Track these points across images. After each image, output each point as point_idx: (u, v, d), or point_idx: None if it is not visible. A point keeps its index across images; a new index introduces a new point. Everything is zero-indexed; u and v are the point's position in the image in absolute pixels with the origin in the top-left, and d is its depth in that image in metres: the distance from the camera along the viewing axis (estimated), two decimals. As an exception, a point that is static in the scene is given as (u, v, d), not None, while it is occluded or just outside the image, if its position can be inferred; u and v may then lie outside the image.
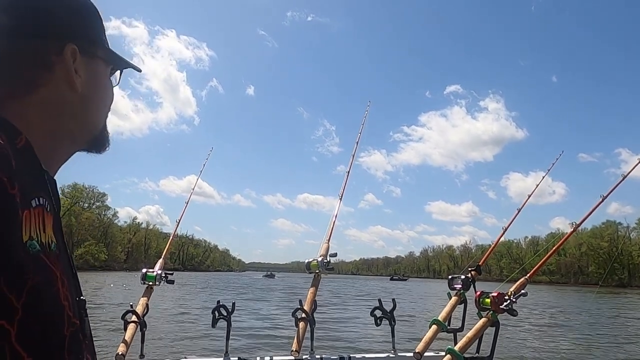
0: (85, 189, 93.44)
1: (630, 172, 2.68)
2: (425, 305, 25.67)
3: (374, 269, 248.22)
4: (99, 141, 0.81)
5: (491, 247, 3.38)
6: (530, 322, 16.74)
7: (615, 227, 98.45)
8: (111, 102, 0.82)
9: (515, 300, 2.67)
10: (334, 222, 3.39)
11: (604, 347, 11.95)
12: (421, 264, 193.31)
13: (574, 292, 53.00)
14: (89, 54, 0.75)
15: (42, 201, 0.63)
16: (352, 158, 3.77)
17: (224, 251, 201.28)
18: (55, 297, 0.61)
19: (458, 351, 2.60)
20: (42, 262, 0.60)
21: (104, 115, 0.81)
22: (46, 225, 0.63)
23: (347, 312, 18.59)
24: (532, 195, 3.31)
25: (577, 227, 2.72)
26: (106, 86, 0.80)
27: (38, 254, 0.59)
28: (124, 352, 2.66)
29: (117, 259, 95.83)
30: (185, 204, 3.77)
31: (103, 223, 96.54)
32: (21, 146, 0.65)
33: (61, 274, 0.63)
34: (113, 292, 26.08)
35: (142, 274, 3.09)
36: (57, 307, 0.61)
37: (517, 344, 11.69)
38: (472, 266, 3.05)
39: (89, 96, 0.75)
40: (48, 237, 0.62)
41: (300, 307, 2.95)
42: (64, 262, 0.68)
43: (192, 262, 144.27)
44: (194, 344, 10.29)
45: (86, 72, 0.74)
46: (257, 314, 17.00)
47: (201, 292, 29.28)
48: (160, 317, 14.25)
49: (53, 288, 0.61)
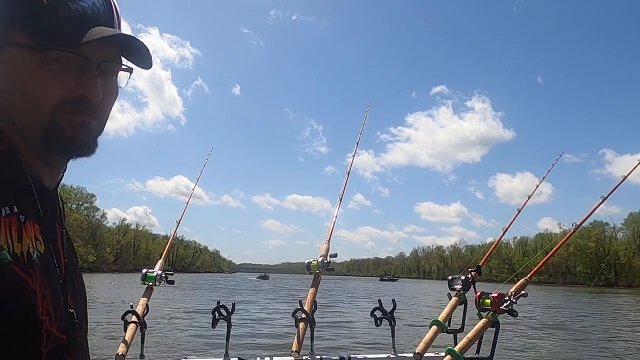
0: (74, 190, 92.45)
1: (630, 172, 2.72)
2: (416, 305, 25.79)
3: (365, 270, 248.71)
4: (51, 145, 0.66)
5: (491, 247, 3.40)
6: (529, 323, 16.88)
7: (602, 227, 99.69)
8: (50, 96, 0.65)
9: (515, 301, 2.68)
10: (334, 223, 3.39)
11: (602, 347, 12.08)
12: (411, 265, 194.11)
13: (564, 292, 53.54)
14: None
15: (15, 209, 0.59)
16: (352, 159, 3.80)
17: (214, 252, 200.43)
18: (28, 311, 0.57)
19: (458, 352, 2.61)
20: (11, 273, 0.55)
21: (38, 114, 0.65)
22: (24, 234, 0.59)
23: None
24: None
25: (577, 228, 2.75)
26: (29, 78, 0.64)
27: (7, 264, 0.55)
28: (124, 352, 2.64)
29: (105, 260, 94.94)
30: (185, 204, 3.77)
31: (91, 224, 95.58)
32: (4, 149, 0.63)
33: (42, 286, 0.59)
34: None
35: (143, 274, 3.06)
36: (30, 322, 0.57)
37: (517, 344, 11.76)
38: (472, 267, 3.06)
39: (4, 90, 0.66)
40: (25, 246, 0.58)
41: (300, 308, 2.94)
42: (51, 272, 0.63)
43: (182, 264, 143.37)
44: (194, 344, 10.23)
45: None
46: (257, 316, 16.96)
47: (199, 295, 28.96)
48: (160, 317, 14.22)
49: (26, 301, 0.57)
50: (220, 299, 2.95)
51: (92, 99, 0.66)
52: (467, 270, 3.04)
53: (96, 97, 0.66)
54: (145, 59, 0.71)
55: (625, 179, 2.69)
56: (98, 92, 0.66)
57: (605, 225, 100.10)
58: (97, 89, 0.66)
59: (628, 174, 2.69)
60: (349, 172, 3.66)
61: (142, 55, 0.71)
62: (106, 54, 0.68)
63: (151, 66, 0.72)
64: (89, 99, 0.66)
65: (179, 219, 3.57)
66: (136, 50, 0.70)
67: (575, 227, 2.70)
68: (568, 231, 2.97)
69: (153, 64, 0.72)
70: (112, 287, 32.67)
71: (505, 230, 3.11)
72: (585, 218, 2.75)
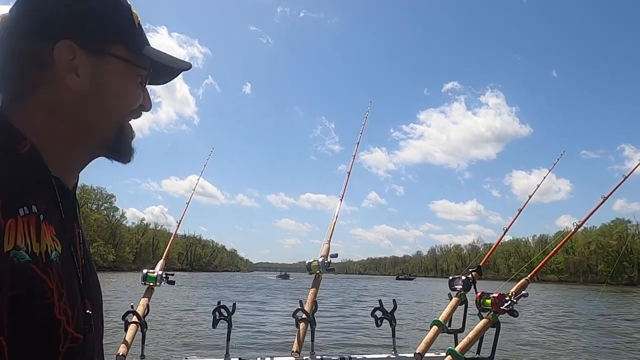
0: (94, 191, 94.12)
1: (630, 172, 2.68)
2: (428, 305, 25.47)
3: (382, 269, 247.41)
4: (116, 148, 0.74)
5: (492, 247, 3.37)
6: (531, 322, 16.62)
7: (624, 225, 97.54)
8: (133, 105, 0.74)
9: (515, 301, 2.66)
10: (335, 223, 3.39)
11: (607, 347, 11.84)
12: (429, 263, 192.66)
13: (582, 291, 52.39)
14: (96, 52, 0.69)
15: (34, 209, 0.59)
16: (352, 159, 3.77)
17: (232, 251, 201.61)
18: (46, 311, 0.58)
19: (459, 352, 2.60)
20: (30, 273, 0.56)
21: (117, 120, 0.73)
22: (42, 234, 0.59)
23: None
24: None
25: (577, 228, 2.71)
26: (122, 87, 0.72)
27: (26, 264, 0.56)
28: (125, 352, 2.66)
29: (125, 259, 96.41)
30: (186, 204, 3.77)
31: (111, 224, 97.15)
32: (25, 151, 0.63)
33: (59, 285, 0.60)
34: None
35: (143, 274, 3.10)
36: (49, 322, 0.58)
37: (517, 345, 11.62)
38: (473, 267, 3.05)
39: (92, 97, 0.69)
40: (44, 246, 0.59)
41: (300, 308, 2.94)
42: (70, 272, 0.64)
43: (200, 263, 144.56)
44: (194, 345, 10.27)
45: (90, 71, 0.68)
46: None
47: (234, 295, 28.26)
48: (161, 318, 14.29)
49: (44, 301, 0.57)
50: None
51: (147, 110, 0.78)
52: (467, 270, 3.03)
53: (150, 108, 0.78)
54: (167, 81, 0.82)
55: (626, 179, 2.65)
56: (151, 104, 0.78)
57: (627, 222, 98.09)
58: (151, 101, 0.78)
59: (629, 174, 2.65)
60: (349, 173, 3.66)
61: (167, 79, 0.81)
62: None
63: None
64: (146, 109, 0.78)
65: (180, 219, 3.61)
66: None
67: (576, 226, 2.68)
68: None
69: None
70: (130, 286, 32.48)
71: (506, 230, 3.09)
72: (586, 218, 2.72)
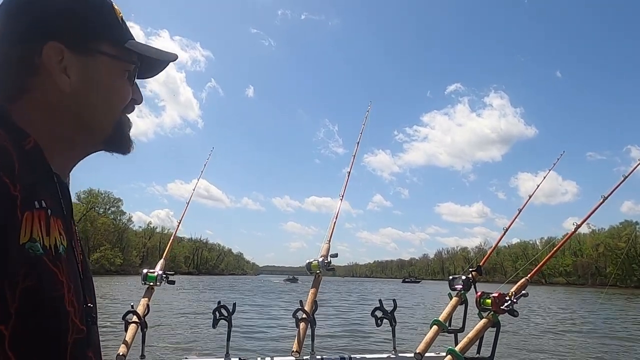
0: (101, 195, 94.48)
1: (631, 172, 2.67)
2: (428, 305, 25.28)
3: (388, 271, 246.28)
4: (114, 142, 0.77)
5: (492, 248, 3.38)
6: (533, 324, 16.52)
7: (633, 227, 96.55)
8: (124, 100, 0.77)
9: (516, 301, 2.65)
10: (335, 223, 3.40)
11: (610, 351, 11.71)
12: (435, 266, 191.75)
13: (589, 293, 51.85)
14: (83, 51, 0.71)
15: (45, 204, 0.62)
16: (352, 159, 3.78)
17: (238, 255, 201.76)
18: (57, 302, 0.60)
19: (459, 352, 2.59)
20: (43, 265, 0.58)
21: (110, 115, 0.75)
22: (51, 228, 0.61)
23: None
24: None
25: (577, 228, 2.71)
26: (111, 83, 0.74)
27: (40, 256, 0.58)
28: (125, 352, 2.67)
29: (132, 263, 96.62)
30: (186, 203, 3.79)
31: (118, 228, 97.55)
32: (29, 148, 0.65)
33: (67, 279, 0.62)
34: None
35: (143, 274, 3.11)
36: (60, 313, 0.60)
37: (518, 345, 11.56)
38: (473, 267, 3.05)
39: (85, 96, 0.71)
40: (53, 240, 0.61)
41: (300, 308, 2.95)
42: (73, 266, 0.66)
43: (207, 266, 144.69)
44: (194, 344, 10.28)
45: (80, 70, 0.70)
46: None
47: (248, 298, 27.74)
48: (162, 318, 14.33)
49: (55, 292, 0.60)
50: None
51: (139, 103, 0.82)
52: (467, 270, 3.03)
53: (142, 101, 0.82)
54: (155, 74, 0.86)
55: (626, 179, 2.64)
56: (142, 97, 0.82)
57: (636, 224, 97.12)
58: (141, 94, 0.82)
59: (629, 174, 2.64)
60: (349, 172, 3.66)
61: (155, 72, 0.85)
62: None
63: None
64: (137, 102, 0.81)
65: (180, 219, 3.65)
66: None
67: (575, 227, 2.67)
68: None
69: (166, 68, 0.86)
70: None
71: (505, 230, 3.09)
72: (586, 218, 2.71)
